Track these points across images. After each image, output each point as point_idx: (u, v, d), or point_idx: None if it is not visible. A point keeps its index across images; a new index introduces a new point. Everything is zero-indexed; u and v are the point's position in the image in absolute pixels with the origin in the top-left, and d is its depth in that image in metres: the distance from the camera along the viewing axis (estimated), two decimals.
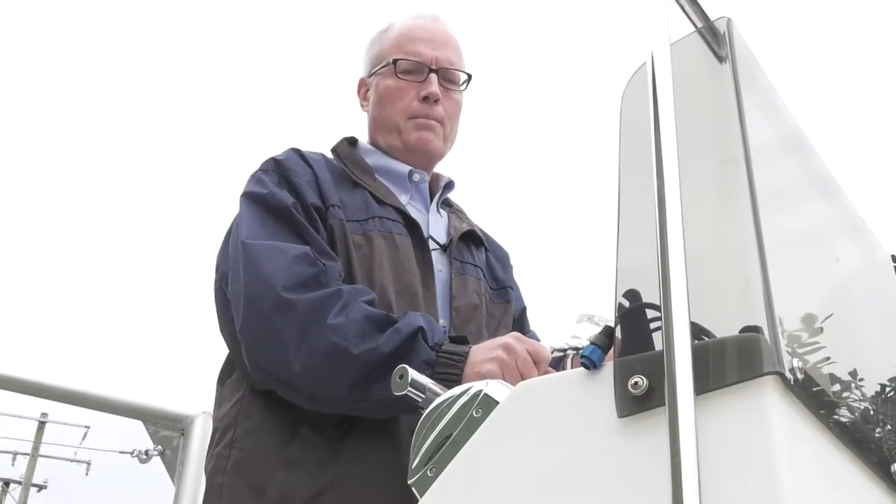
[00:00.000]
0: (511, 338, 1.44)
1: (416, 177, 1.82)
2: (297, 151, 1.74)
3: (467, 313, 1.70)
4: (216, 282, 1.66)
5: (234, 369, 1.66)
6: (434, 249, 1.74)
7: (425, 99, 1.79)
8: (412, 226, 1.72)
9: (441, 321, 1.65)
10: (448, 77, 1.83)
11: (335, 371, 1.42)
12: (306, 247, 1.53)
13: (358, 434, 1.50)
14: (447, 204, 1.93)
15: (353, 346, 1.40)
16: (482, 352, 1.42)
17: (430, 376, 1.34)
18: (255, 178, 1.68)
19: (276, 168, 1.68)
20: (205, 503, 1.58)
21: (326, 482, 1.47)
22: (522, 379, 1.35)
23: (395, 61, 1.81)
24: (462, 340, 1.47)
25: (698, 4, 1.08)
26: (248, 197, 1.64)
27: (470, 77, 1.87)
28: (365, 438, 1.50)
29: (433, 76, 1.80)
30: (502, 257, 1.97)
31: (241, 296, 1.51)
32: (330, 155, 1.83)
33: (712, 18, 1.09)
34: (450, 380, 1.37)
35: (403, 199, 1.79)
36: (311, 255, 1.52)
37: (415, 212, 1.78)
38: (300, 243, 1.54)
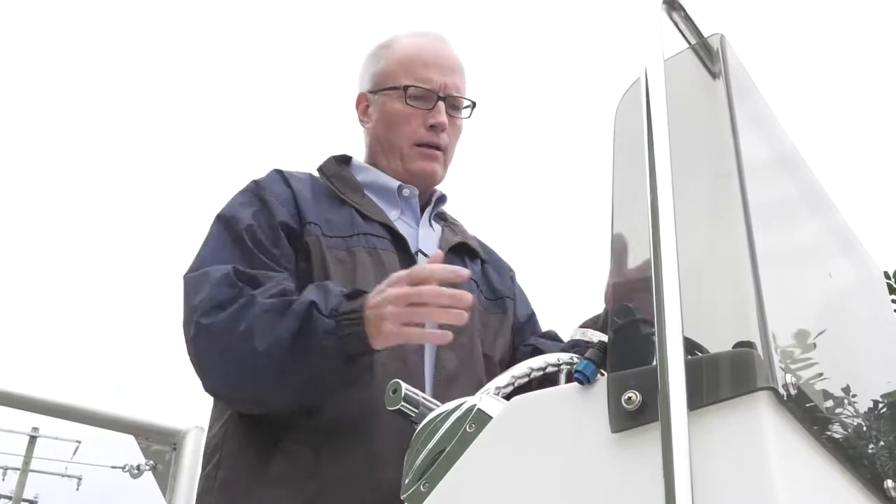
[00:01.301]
0: (391, 285, 1.43)
1: (405, 192, 1.82)
2: (279, 172, 1.77)
3: (458, 327, 1.68)
4: None
5: None
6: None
7: (432, 127, 1.79)
8: (399, 241, 1.72)
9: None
10: (454, 104, 1.83)
11: (256, 374, 1.46)
12: (228, 267, 1.55)
13: (338, 447, 1.50)
14: (442, 217, 1.93)
15: (259, 344, 1.43)
16: (375, 309, 1.41)
17: (336, 344, 1.40)
18: (231, 199, 1.72)
19: (255, 188, 1.71)
20: None
21: (308, 498, 1.47)
22: (442, 309, 1.40)
23: (406, 87, 1.80)
24: (356, 294, 1.47)
25: (692, 21, 1.09)
26: (218, 221, 1.68)
27: (474, 105, 1.87)
28: (345, 452, 1.50)
29: (441, 104, 1.80)
30: (501, 268, 1.96)
31: (182, 330, 1.58)
32: (317, 174, 1.84)
33: (706, 35, 1.10)
34: (359, 340, 1.40)
35: (394, 214, 1.79)
36: (231, 276, 1.53)
37: (404, 226, 1.78)
38: (244, 266, 1.57)
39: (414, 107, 1.80)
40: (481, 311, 1.78)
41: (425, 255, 1.75)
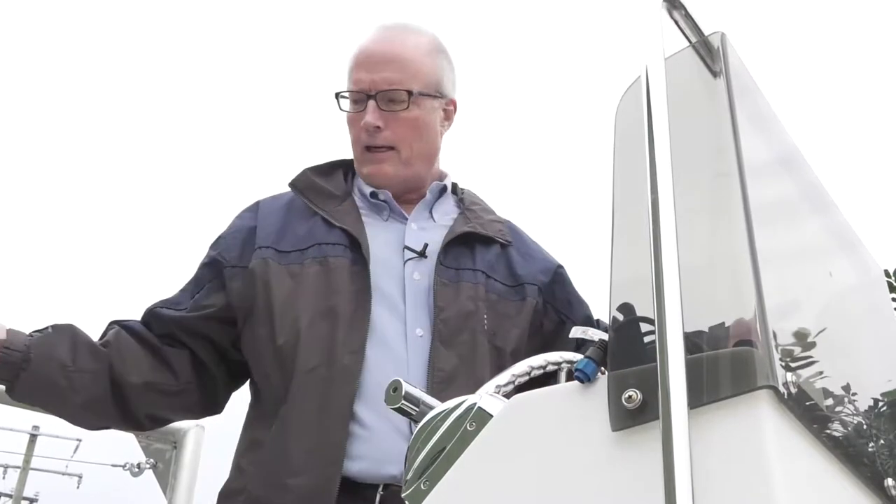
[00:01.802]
0: None
1: (381, 196, 1.82)
2: (256, 204, 1.86)
3: (458, 322, 1.67)
4: None
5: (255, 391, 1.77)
6: (411, 258, 1.73)
7: (366, 129, 1.77)
8: (354, 244, 1.72)
9: (418, 331, 1.66)
10: (390, 98, 1.77)
11: None
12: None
13: (256, 448, 1.64)
14: (462, 203, 1.91)
15: None
16: None
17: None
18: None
19: (227, 229, 1.84)
20: None
21: (242, 484, 1.62)
22: None
23: (337, 95, 1.81)
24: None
25: (692, 19, 1.09)
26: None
27: (411, 93, 1.77)
28: (258, 450, 1.62)
29: (371, 103, 1.76)
30: (533, 255, 1.90)
31: None
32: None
33: (706, 33, 1.10)
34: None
35: (384, 215, 1.80)
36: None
37: (395, 225, 1.79)
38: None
39: (352, 112, 1.80)
40: (494, 300, 1.75)
41: (413, 251, 1.73)
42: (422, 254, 1.73)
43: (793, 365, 0.92)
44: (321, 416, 1.56)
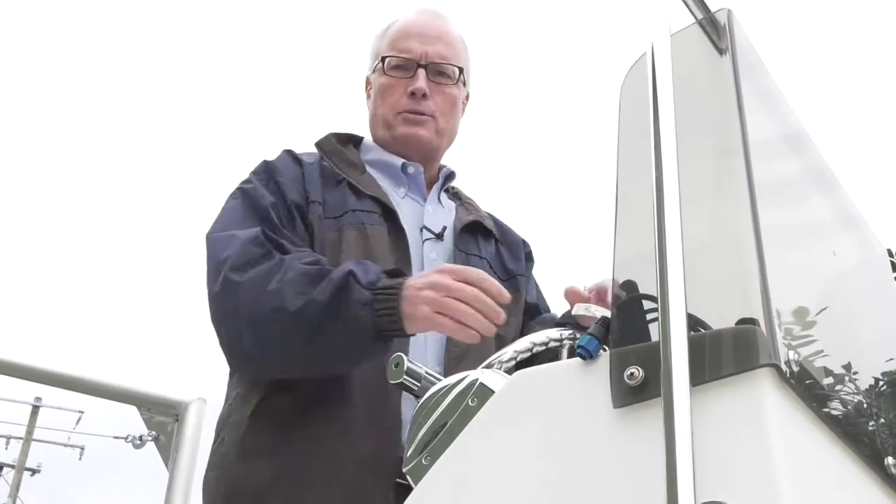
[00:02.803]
0: (437, 273, 1.43)
1: (410, 169, 1.83)
2: (289, 153, 1.79)
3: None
4: None
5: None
6: (428, 239, 1.75)
7: (412, 94, 1.80)
8: (390, 214, 1.72)
9: None
10: (439, 71, 1.84)
11: (280, 334, 1.45)
12: (257, 229, 1.56)
13: (313, 422, 1.52)
14: (456, 196, 1.95)
15: (290, 304, 1.42)
16: (414, 290, 1.40)
17: (369, 317, 1.39)
18: (246, 179, 1.73)
19: (266, 169, 1.73)
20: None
21: (275, 475, 1.50)
22: (479, 312, 1.37)
23: (383, 58, 1.84)
24: (397, 273, 1.47)
25: None
26: (234, 193, 1.70)
27: (461, 70, 1.86)
28: (319, 427, 1.51)
29: (421, 71, 1.81)
30: (514, 247, 1.96)
31: (206, 287, 1.56)
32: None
33: (713, 10, 1.09)
34: (390, 317, 1.39)
35: (401, 191, 1.81)
36: (260, 237, 1.54)
37: (411, 203, 1.80)
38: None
39: (394, 77, 1.83)
40: None
41: (431, 231, 1.76)
42: (440, 236, 1.77)
43: (795, 343, 0.92)
44: (364, 390, 1.53)
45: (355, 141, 1.91)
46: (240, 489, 1.52)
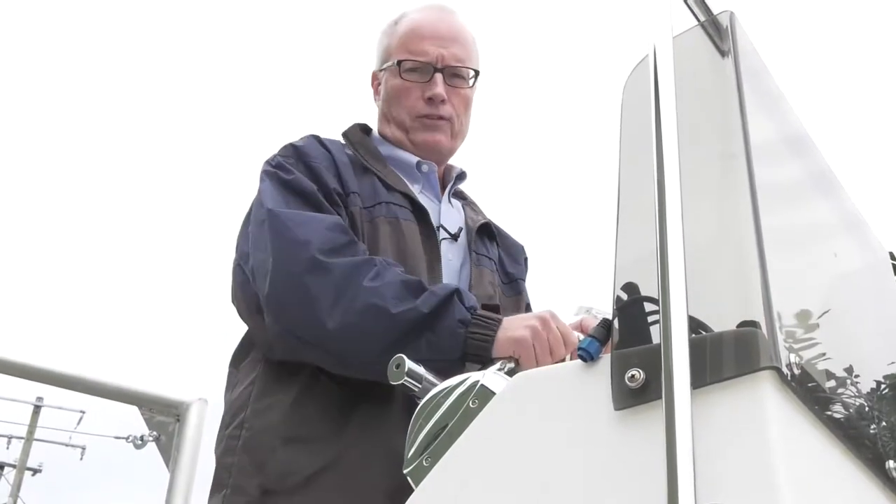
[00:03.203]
0: (547, 312, 1.47)
1: (424, 167, 1.83)
2: (315, 138, 1.77)
3: (484, 303, 1.70)
4: (235, 261, 1.69)
5: (250, 351, 1.68)
6: (444, 239, 1.76)
7: (430, 99, 1.80)
8: (420, 212, 1.73)
9: None
10: (455, 73, 1.83)
11: (372, 331, 1.44)
12: (335, 217, 1.56)
13: (361, 414, 1.52)
14: (461, 196, 1.95)
15: (391, 306, 1.43)
16: (517, 319, 1.46)
17: (463, 335, 1.41)
18: (276, 163, 1.69)
19: (295, 153, 1.70)
20: (214, 484, 1.59)
21: (327, 460, 1.49)
22: (551, 354, 1.40)
23: (399, 62, 1.82)
24: (495, 309, 1.50)
25: None
26: (271, 177, 1.66)
27: (477, 73, 1.87)
28: (367, 418, 1.52)
29: (438, 76, 1.80)
30: (514, 252, 1.97)
31: (270, 261, 1.53)
32: (343, 141, 1.85)
33: (715, 12, 1.09)
34: (483, 341, 1.42)
35: (415, 188, 1.80)
36: (343, 225, 1.55)
37: (425, 201, 1.79)
38: None
39: (411, 80, 1.81)
40: (500, 294, 1.81)
41: (447, 230, 1.77)
42: (455, 236, 1.78)
43: (796, 346, 0.92)
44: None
45: (367, 131, 1.90)
46: (285, 472, 1.50)
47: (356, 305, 1.44)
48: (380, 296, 1.44)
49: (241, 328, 1.73)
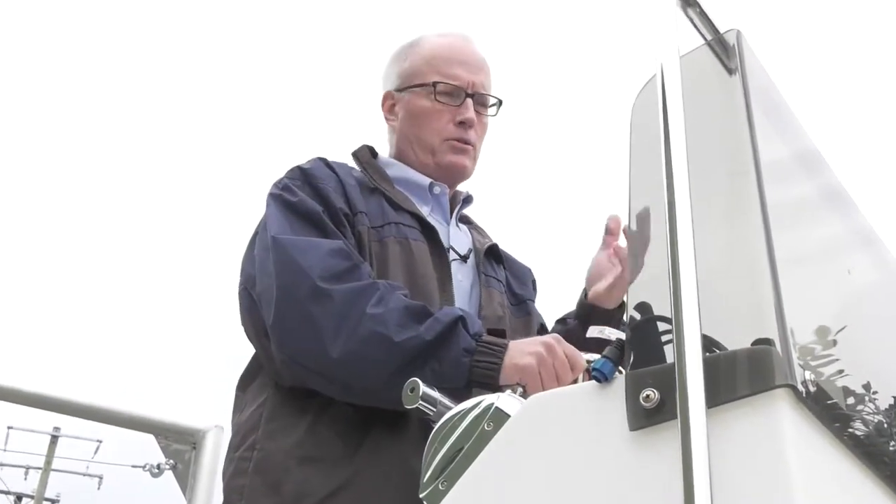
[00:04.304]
0: (552, 338, 1.46)
1: (436, 189, 1.84)
2: (322, 160, 1.77)
3: (493, 324, 1.70)
4: (240, 285, 1.68)
5: (258, 374, 1.68)
6: (454, 260, 1.76)
7: (461, 123, 1.81)
8: (430, 232, 1.73)
9: None
10: (482, 101, 1.86)
11: (376, 359, 1.43)
12: (340, 241, 1.56)
13: (376, 434, 1.52)
14: (466, 221, 1.96)
15: (394, 334, 1.42)
16: (522, 346, 1.45)
17: (468, 364, 1.40)
18: (283, 185, 1.69)
19: (302, 176, 1.70)
20: None
21: (342, 480, 1.49)
22: (557, 379, 1.39)
23: (434, 84, 1.83)
24: (501, 334, 1.50)
25: (707, 17, 1.08)
26: (277, 200, 1.66)
27: (500, 102, 1.89)
28: (382, 438, 1.51)
29: (469, 101, 1.82)
30: (521, 275, 1.98)
31: (274, 288, 1.52)
32: (352, 162, 1.85)
33: (722, 31, 1.10)
34: (488, 369, 1.41)
35: (424, 210, 1.80)
36: (345, 250, 1.54)
37: (434, 222, 1.79)
38: None
39: (443, 103, 1.82)
40: (509, 315, 1.80)
41: (457, 252, 1.77)
42: (465, 258, 1.78)
43: (812, 363, 0.91)
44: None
45: (374, 154, 1.91)
46: (300, 494, 1.49)
47: (359, 333, 1.44)
48: (383, 323, 1.43)
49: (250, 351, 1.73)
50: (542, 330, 1.94)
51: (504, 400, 1.06)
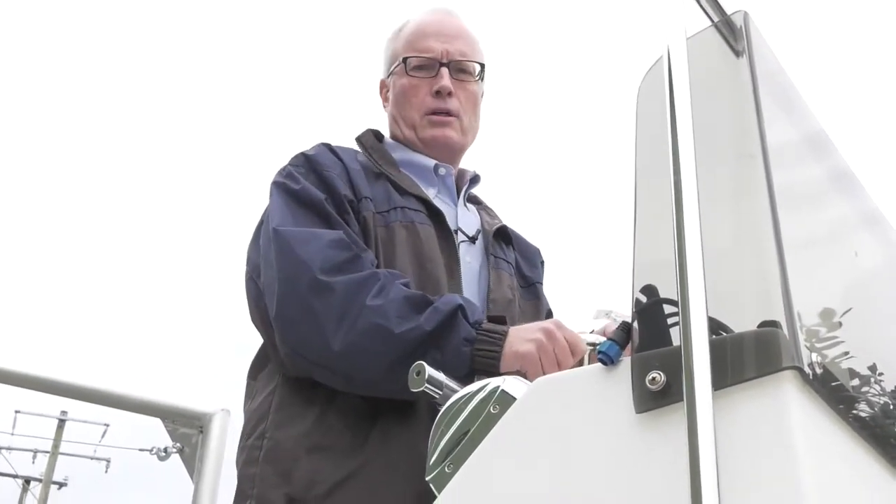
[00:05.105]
0: (552, 323, 1.46)
1: (441, 170, 1.83)
2: (326, 146, 1.77)
3: (503, 307, 1.71)
4: (247, 273, 1.69)
5: (267, 362, 1.68)
6: (462, 241, 1.76)
7: (438, 93, 1.81)
8: (436, 215, 1.73)
9: None
10: (461, 68, 1.84)
11: (376, 351, 1.44)
12: (340, 231, 1.55)
13: (385, 422, 1.52)
14: (475, 201, 1.95)
15: (394, 325, 1.43)
16: (522, 332, 1.45)
17: (469, 354, 1.40)
18: (286, 173, 1.70)
19: (306, 163, 1.70)
20: (237, 494, 1.59)
21: (352, 469, 1.49)
22: (558, 365, 1.39)
23: (405, 59, 1.84)
24: (501, 321, 1.49)
25: None
26: (280, 188, 1.67)
27: (483, 66, 1.87)
28: (391, 427, 1.52)
29: (444, 70, 1.82)
30: (530, 256, 1.97)
31: (276, 281, 1.53)
32: (356, 146, 1.85)
33: (729, 12, 1.09)
34: (489, 357, 1.41)
35: (430, 192, 1.80)
36: (345, 240, 1.54)
37: (441, 205, 1.79)
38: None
39: (418, 77, 1.83)
40: (518, 297, 1.81)
41: (465, 234, 1.77)
42: (473, 239, 1.78)
43: (818, 345, 0.91)
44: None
45: (380, 138, 1.91)
46: (309, 482, 1.50)
47: (359, 325, 1.44)
48: (383, 315, 1.44)
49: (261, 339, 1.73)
50: (550, 316, 1.94)
51: (510, 383, 1.06)
